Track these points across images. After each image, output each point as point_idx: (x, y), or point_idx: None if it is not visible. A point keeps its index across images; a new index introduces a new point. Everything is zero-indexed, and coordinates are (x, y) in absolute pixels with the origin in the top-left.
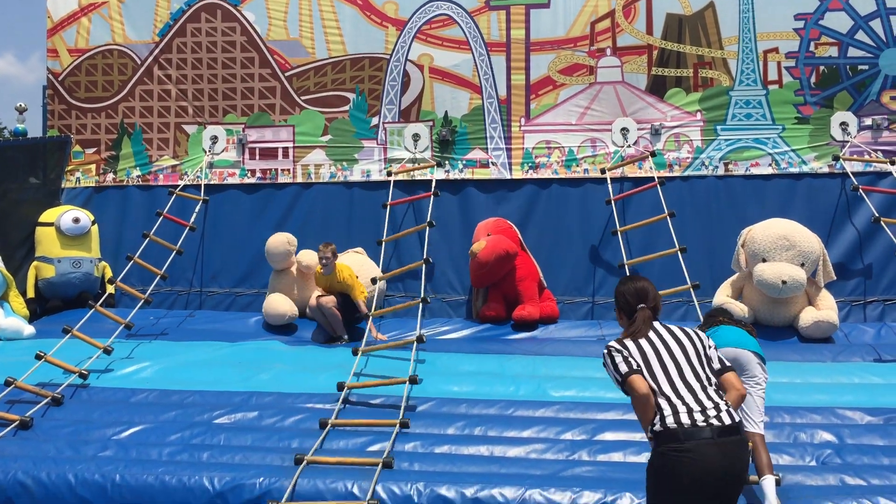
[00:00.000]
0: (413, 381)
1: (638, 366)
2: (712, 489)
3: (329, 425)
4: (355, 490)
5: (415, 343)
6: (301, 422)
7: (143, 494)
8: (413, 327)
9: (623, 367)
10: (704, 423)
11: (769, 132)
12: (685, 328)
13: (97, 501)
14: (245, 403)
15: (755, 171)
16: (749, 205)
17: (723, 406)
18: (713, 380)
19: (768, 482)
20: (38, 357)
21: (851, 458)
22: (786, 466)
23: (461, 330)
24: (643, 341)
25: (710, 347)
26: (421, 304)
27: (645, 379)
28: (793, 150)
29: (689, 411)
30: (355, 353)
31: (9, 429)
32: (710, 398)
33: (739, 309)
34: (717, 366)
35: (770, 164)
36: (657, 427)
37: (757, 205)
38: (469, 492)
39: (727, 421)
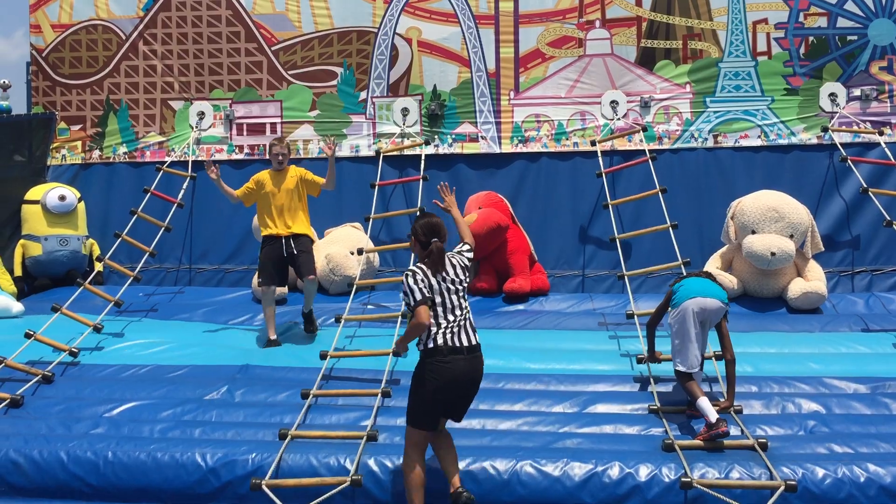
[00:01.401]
0: (396, 353)
1: (428, 295)
2: (460, 388)
3: (311, 396)
4: (347, 464)
5: (399, 318)
6: (293, 396)
7: (135, 471)
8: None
9: (418, 295)
10: (460, 344)
11: (758, 104)
12: (460, 262)
13: (90, 478)
14: (237, 378)
15: (744, 142)
16: (738, 177)
17: (471, 331)
18: (467, 309)
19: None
20: (28, 336)
21: (839, 426)
22: (774, 436)
23: None
24: (435, 274)
25: (466, 280)
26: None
27: (432, 311)
28: (782, 122)
29: (452, 335)
30: (338, 320)
31: (0, 407)
32: (465, 326)
33: (729, 281)
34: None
35: (759, 136)
36: (430, 345)
37: (746, 177)
38: (461, 464)
39: (473, 342)
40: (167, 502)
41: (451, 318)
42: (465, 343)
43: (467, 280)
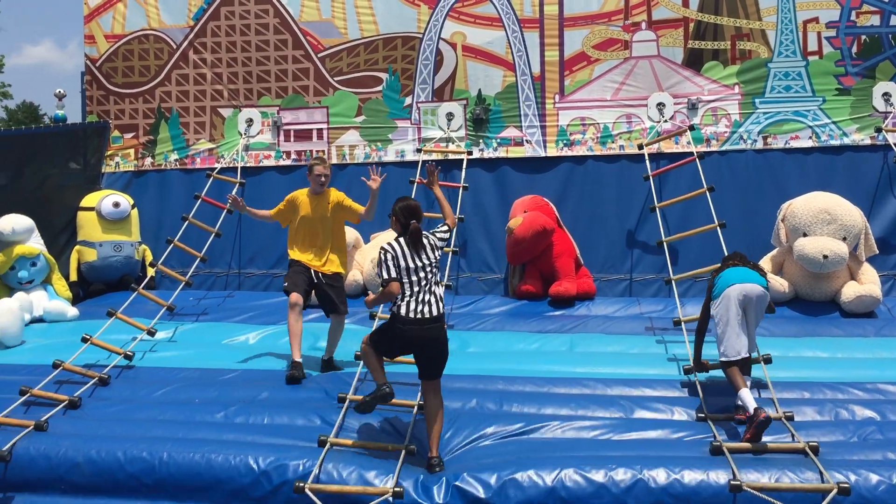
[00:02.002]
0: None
1: (398, 272)
2: (414, 348)
3: (347, 400)
4: (388, 472)
5: None
6: (332, 399)
7: (189, 472)
8: (446, 305)
9: (392, 272)
10: (415, 315)
11: (809, 104)
12: (432, 241)
13: (145, 478)
14: (281, 381)
15: (795, 144)
16: (789, 178)
17: (433, 304)
18: (434, 284)
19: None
20: (84, 340)
21: (895, 434)
22: (827, 443)
23: (498, 307)
24: (409, 251)
25: (436, 256)
26: (443, 289)
27: (400, 283)
28: (834, 122)
29: (415, 308)
30: (372, 317)
31: (58, 408)
32: (426, 298)
33: (780, 285)
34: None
35: (810, 137)
36: (394, 310)
37: (797, 178)
38: (505, 472)
39: (429, 315)
40: (220, 503)
41: (415, 289)
42: (421, 315)
43: (438, 256)
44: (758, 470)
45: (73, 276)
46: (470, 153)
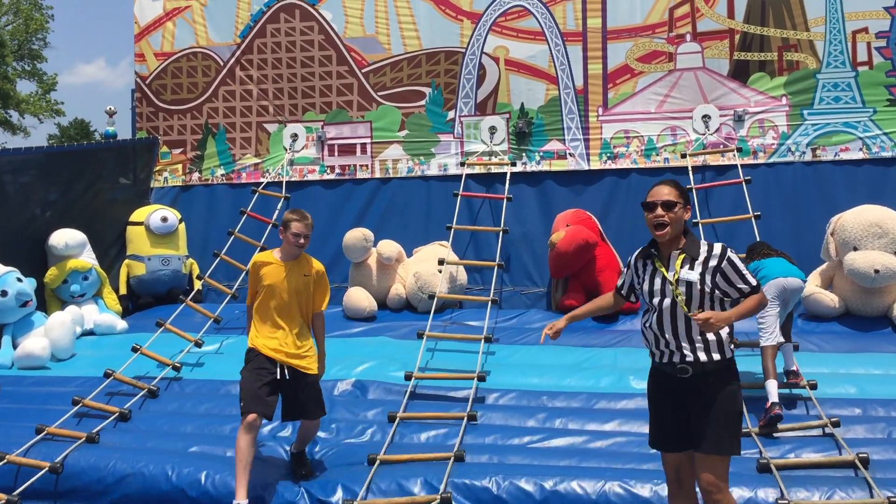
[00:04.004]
0: (481, 378)
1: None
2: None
3: (397, 419)
4: (435, 484)
5: (482, 341)
6: (381, 414)
7: (233, 486)
8: (491, 319)
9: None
10: None
11: (859, 115)
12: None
13: (192, 492)
14: (328, 395)
15: (845, 156)
16: (838, 191)
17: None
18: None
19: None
20: (135, 350)
21: None
22: (879, 461)
23: (541, 321)
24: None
25: None
26: (489, 304)
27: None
28: (885, 134)
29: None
30: (420, 336)
31: (109, 420)
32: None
33: (830, 300)
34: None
35: (861, 149)
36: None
37: (847, 191)
38: (548, 484)
39: None
40: None
41: None
42: None
43: None
44: (807, 488)
45: (123, 290)
46: (513, 164)
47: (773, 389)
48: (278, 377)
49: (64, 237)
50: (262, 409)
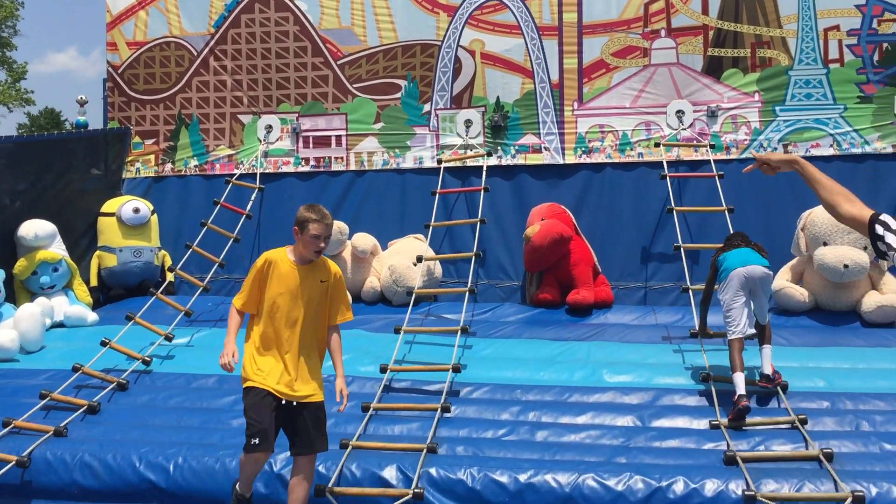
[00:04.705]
0: (456, 369)
1: None
2: None
3: (371, 409)
4: (409, 474)
5: (458, 332)
6: (354, 407)
7: (204, 477)
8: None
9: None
10: None
11: (830, 112)
12: None
13: (160, 482)
14: None
15: (816, 152)
16: (809, 187)
17: None
18: None
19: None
20: (104, 344)
21: None
22: (847, 453)
23: (515, 314)
24: None
25: None
26: (467, 294)
27: None
28: (855, 131)
29: None
30: (397, 331)
31: (77, 413)
32: None
33: (800, 294)
34: None
35: (831, 145)
36: None
37: None
38: (522, 477)
39: None
40: None
41: None
42: None
43: None
44: (776, 479)
45: (94, 281)
46: (489, 154)
47: (740, 382)
48: (283, 405)
49: (34, 228)
50: (268, 442)
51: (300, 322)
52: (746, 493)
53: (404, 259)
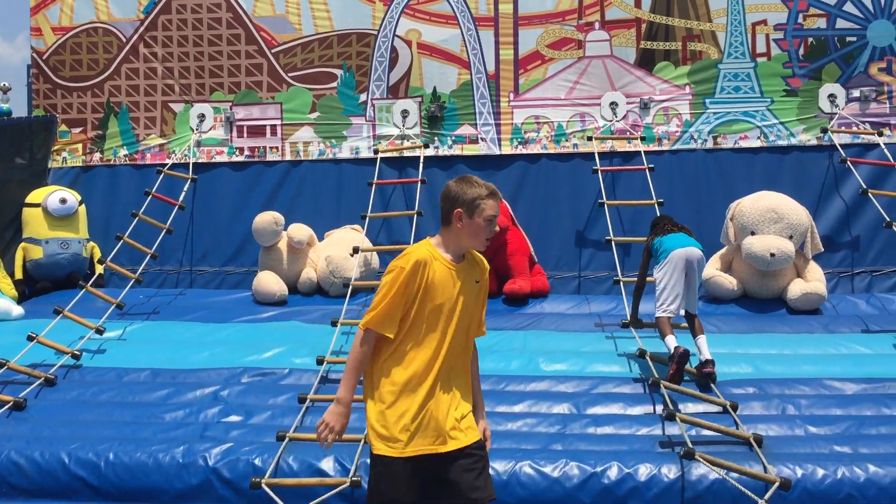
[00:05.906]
0: None
1: None
2: None
3: (308, 401)
4: (346, 465)
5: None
6: (292, 399)
7: (137, 472)
8: None
9: None
10: None
11: (758, 105)
12: None
13: (91, 479)
14: (236, 380)
15: (744, 144)
16: (738, 178)
17: None
18: None
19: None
20: (31, 338)
21: (840, 428)
22: (775, 437)
23: None
24: None
25: None
26: None
27: None
28: (781, 123)
29: None
30: (334, 323)
31: (2, 410)
32: None
33: (728, 282)
34: None
35: (759, 137)
36: None
37: (746, 178)
38: None
39: None
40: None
41: None
42: None
43: None
44: (708, 452)
45: (19, 274)
46: (426, 146)
47: (671, 342)
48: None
49: None
50: None
51: (464, 340)
52: (686, 449)
53: (341, 250)
